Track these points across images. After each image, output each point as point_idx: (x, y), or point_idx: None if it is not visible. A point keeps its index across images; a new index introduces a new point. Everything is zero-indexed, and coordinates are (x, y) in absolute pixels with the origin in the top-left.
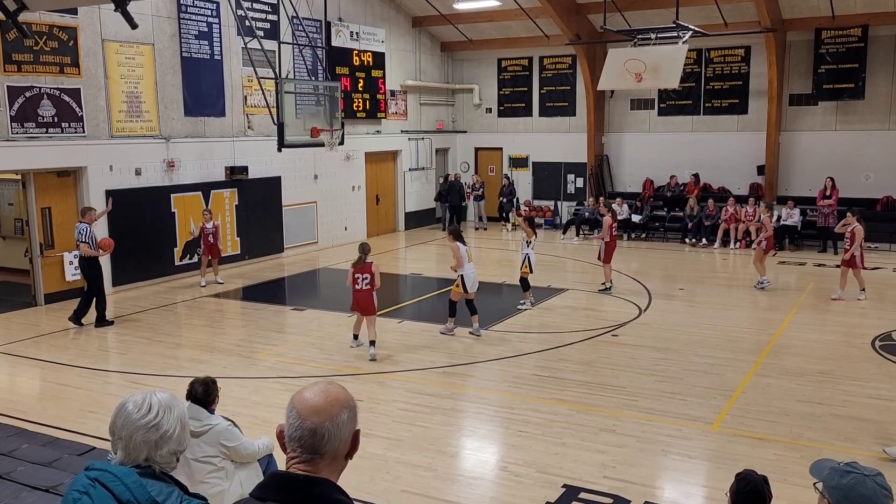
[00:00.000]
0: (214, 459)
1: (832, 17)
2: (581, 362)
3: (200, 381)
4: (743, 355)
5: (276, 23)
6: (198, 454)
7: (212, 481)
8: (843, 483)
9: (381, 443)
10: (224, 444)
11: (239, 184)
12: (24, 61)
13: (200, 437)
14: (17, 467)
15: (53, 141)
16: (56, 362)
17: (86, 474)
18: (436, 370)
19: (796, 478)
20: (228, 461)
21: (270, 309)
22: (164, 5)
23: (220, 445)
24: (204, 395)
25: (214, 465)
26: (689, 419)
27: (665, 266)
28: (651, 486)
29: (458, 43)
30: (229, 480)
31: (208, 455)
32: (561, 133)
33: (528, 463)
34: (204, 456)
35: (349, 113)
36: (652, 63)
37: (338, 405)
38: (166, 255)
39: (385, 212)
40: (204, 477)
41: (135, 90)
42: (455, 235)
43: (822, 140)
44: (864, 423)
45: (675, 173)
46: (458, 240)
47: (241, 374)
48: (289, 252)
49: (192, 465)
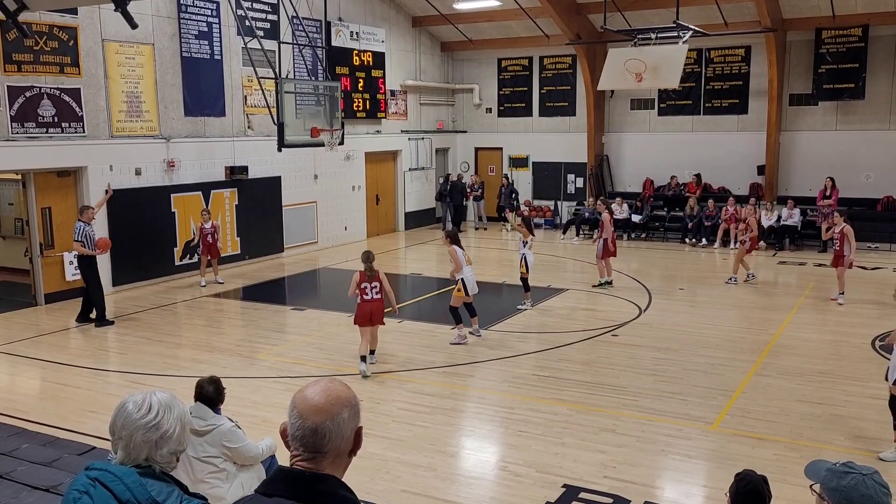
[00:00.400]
0: (216, 460)
1: (833, 16)
2: (581, 362)
3: (209, 380)
4: (743, 355)
5: (276, 23)
6: (200, 453)
7: (211, 481)
8: (844, 484)
9: (381, 442)
10: (226, 446)
11: (239, 184)
12: (25, 61)
13: (203, 437)
14: (18, 467)
15: (53, 141)
16: (56, 362)
17: (86, 474)
18: (436, 370)
19: (796, 478)
20: (230, 462)
21: (270, 309)
22: (164, 5)
23: (222, 446)
24: (215, 393)
25: (216, 465)
26: (689, 419)
27: (665, 266)
28: (651, 486)
29: (458, 43)
30: (229, 482)
31: (210, 455)
32: (561, 133)
33: (528, 463)
34: (206, 455)
35: (349, 113)
36: (652, 63)
37: (339, 403)
38: (166, 254)
39: (385, 212)
40: (204, 476)
41: (135, 90)
42: (452, 239)
43: (823, 140)
44: (864, 423)
45: (676, 173)
46: (455, 243)
47: (241, 373)
48: (289, 252)
49: (193, 464)
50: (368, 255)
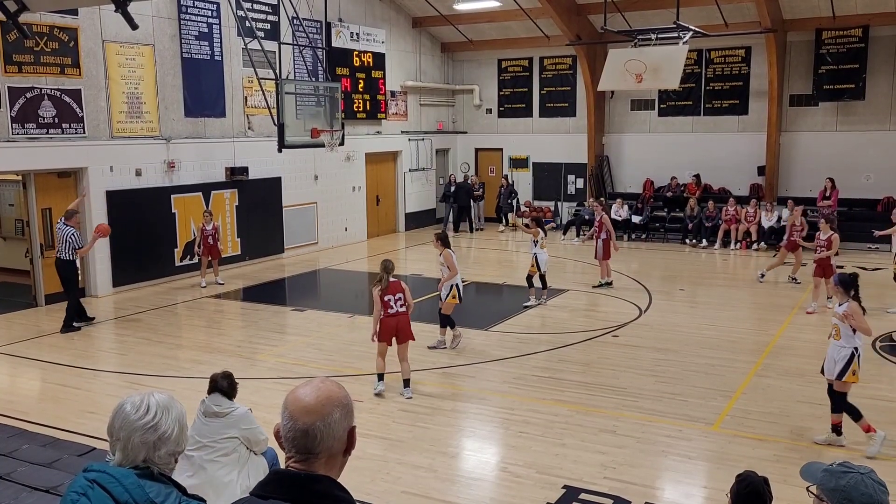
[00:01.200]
0: (234, 441)
1: (833, 17)
2: (581, 363)
3: (223, 375)
4: (743, 356)
5: (277, 23)
6: (218, 435)
7: (222, 461)
8: (843, 484)
9: (381, 443)
10: (243, 428)
11: (239, 184)
12: (25, 62)
13: (223, 419)
14: (18, 468)
15: (54, 142)
16: (56, 363)
17: (84, 475)
18: (436, 371)
19: (797, 479)
20: (244, 448)
21: (270, 309)
22: (165, 6)
23: (240, 429)
24: (229, 387)
25: (232, 447)
26: (690, 420)
27: (665, 267)
28: (651, 487)
29: (458, 43)
30: (241, 466)
31: (229, 436)
32: (561, 134)
33: (528, 464)
34: (224, 437)
35: (349, 113)
36: (652, 64)
37: (329, 404)
38: (167, 255)
39: (385, 212)
40: (216, 457)
41: (135, 91)
42: (443, 241)
43: (823, 141)
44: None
45: (676, 174)
46: (446, 246)
47: (241, 374)
48: (289, 253)
49: (209, 447)
50: (388, 265)
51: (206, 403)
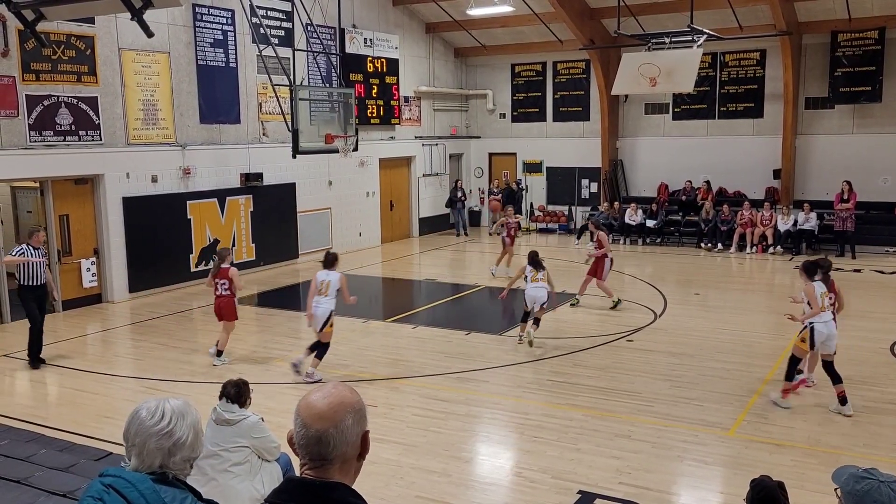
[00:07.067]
0: (244, 451)
1: (848, 19)
2: (596, 367)
3: (233, 382)
4: (759, 360)
5: (291, 30)
6: (229, 443)
7: (234, 470)
8: (858, 489)
9: (395, 448)
10: (253, 437)
11: (254, 190)
12: (43, 70)
13: (233, 426)
14: (35, 472)
15: (71, 149)
16: (73, 368)
17: (100, 480)
18: (450, 375)
19: (814, 484)
20: (255, 456)
21: (285, 315)
22: (180, 14)
23: (251, 437)
24: (236, 396)
25: (243, 456)
26: (706, 425)
27: (680, 271)
28: (667, 493)
29: (471, 48)
30: (252, 475)
31: (239, 445)
32: (575, 138)
33: (543, 469)
34: (235, 446)
35: (363, 119)
36: (666, 67)
37: (342, 410)
38: (182, 261)
39: (399, 217)
40: (228, 466)
41: (151, 98)
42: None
43: (839, 143)
44: (882, 429)
45: (691, 177)
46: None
47: (256, 379)
48: (303, 258)
49: (220, 455)
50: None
51: (217, 410)
